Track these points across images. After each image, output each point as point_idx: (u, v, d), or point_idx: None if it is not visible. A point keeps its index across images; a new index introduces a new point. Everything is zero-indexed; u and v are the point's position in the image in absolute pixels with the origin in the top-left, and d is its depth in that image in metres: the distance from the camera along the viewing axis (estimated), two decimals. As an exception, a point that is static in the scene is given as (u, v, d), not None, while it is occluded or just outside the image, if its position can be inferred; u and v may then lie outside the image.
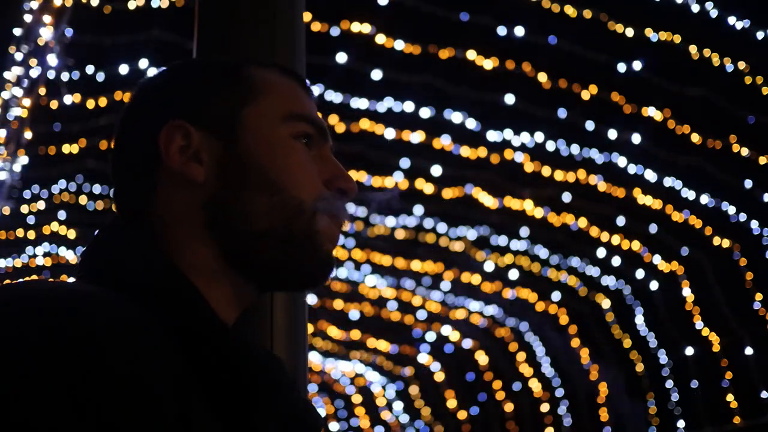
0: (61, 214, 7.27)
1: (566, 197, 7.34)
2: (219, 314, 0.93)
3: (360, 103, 6.32)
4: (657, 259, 7.91)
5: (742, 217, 7.11)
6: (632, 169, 6.92)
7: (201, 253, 0.96)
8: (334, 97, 6.22)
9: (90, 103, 5.74)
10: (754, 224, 7.10)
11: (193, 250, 0.96)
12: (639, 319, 8.55)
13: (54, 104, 5.51)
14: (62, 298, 0.81)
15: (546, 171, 7.02)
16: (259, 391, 0.90)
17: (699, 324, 7.79)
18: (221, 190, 0.96)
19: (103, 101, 5.76)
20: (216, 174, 0.97)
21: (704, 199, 7.09)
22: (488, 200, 7.44)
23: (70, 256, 7.92)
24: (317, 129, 1.03)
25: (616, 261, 8.17)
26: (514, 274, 8.74)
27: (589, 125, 6.52)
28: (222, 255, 0.96)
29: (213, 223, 0.96)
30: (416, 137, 6.63)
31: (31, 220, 7.23)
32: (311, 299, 9.07)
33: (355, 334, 10.77)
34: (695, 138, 6.50)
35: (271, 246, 0.96)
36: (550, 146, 6.76)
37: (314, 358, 11.43)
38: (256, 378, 0.90)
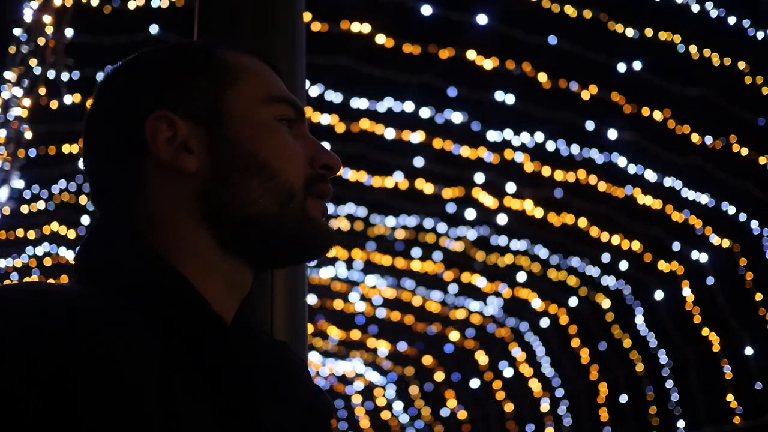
0: (61, 214, 7.27)
1: (566, 197, 7.34)
2: (216, 303, 0.94)
3: (360, 103, 6.31)
4: (657, 259, 7.90)
5: (742, 217, 7.10)
6: (632, 169, 6.92)
7: (197, 244, 0.95)
8: (334, 97, 6.22)
9: (90, 103, 5.72)
10: (754, 224, 7.09)
11: (189, 242, 0.95)
12: (639, 319, 8.54)
13: (54, 104, 5.50)
14: (40, 300, 0.81)
15: (546, 171, 7.01)
16: (257, 379, 0.90)
17: (699, 324, 7.78)
18: (214, 177, 0.95)
19: (103, 101, 5.74)
20: (207, 162, 0.96)
21: (704, 199, 7.08)
22: (488, 200, 7.44)
23: (70, 256, 7.91)
24: (295, 109, 1.03)
25: (616, 261, 8.16)
26: (514, 274, 8.74)
27: (589, 125, 6.51)
28: (219, 243, 0.96)
29: (208, 211, 0.95)
30: (416, 137, 6.63)
31: (31, 220, 7.22)
32: (311, 299, 9.07)
33: (355, 334, 10.77)
34: (695, 138, 6.50)
35: (268, 229, 0.96)
36: (550, 146, 6.76)
37: (314, 358, 11.42)
38: (252, 366, 0.91)
